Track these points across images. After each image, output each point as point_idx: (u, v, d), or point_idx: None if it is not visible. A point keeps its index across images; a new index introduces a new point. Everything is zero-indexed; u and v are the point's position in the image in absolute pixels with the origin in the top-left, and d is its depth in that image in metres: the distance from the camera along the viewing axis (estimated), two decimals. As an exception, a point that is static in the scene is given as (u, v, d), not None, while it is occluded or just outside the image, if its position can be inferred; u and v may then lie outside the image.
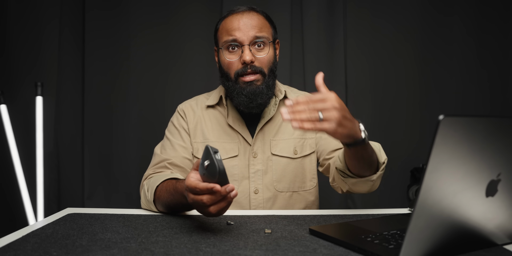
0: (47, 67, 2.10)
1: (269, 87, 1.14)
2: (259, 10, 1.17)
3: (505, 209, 0.68)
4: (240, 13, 1.14)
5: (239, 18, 1.12)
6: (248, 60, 1.09)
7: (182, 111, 1.25)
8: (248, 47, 1.10)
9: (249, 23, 1.11)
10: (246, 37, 1.10)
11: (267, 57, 1.13)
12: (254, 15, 1.14)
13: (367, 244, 0.70)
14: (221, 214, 0.79)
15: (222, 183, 0.74)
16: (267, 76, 1.13)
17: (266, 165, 1.18)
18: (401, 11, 2.13)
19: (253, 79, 1.11)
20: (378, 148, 1.02)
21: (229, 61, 1.13)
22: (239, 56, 1.11)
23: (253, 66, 1.11)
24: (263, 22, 1.15)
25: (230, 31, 1.12)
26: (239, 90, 1.12)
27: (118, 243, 0.73)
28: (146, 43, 2.12)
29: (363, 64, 2.15)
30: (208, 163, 0.75)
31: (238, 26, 1.11)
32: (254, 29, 1.11)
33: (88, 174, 2.11)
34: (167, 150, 1.18)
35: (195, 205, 0.79)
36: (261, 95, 1.12)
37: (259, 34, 1.11)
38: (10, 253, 0.67)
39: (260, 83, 1.12)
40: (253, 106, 1.13)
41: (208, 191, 0.74)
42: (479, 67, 2.14)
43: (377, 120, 2.16)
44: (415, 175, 2.10)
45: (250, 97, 1.11)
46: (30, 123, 2.00)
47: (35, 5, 2.09)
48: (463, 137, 0.57)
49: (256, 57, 1.11)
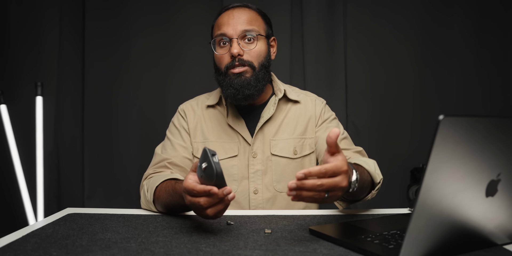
0: (47, 67, 2.10)
1: (258, 79, 1.13)
2: (253, 7, 1.18)
3: (505, 209, 0.68)
4: (232, 9, 1.16)
5: (229, 14, 1.14)
6: (235, 53, 1.09)
7: (182, 111, 1.25)
8: (236, 40, 1.10)
9: (239, 17, 1.12)
10: (234, 31, 1.10)
11: (256, 50, 1.12)
12: (245, 10, 1.15)
13: (367, 244, 0.70)
14: (218, 216, 0.78)
15: (220, 185, 0.74)
16: (257, 69, 1.12)
17: (266, 165, 1.17)
18: (401, 11, 2.13)
19: (241, 71, 1.11)
20: (373, 168, 1.00)
21: (219, 55, 1.13)
22: (229, 50, 1.11)
23: (241, 59, 1.11)
24: (255, 17, 1.15)
25: (220, 26, 1.13)
26: (228, 82, 1.12)
27: (118, 243, 0.73)
28: (146, 43, 2.12)
29: (363, 64, 2.15)
30: (205, 165, 0.75)
31: (228, 21, 1.12)
32: (243, 23, 1.11)
33: (88, 174, 2.11)
34: (167, 150, 1.18)
35: (192, 207, 0.78)
36: (248, 86, 1.11)
37: (248, 28, 1.11)
38: (10, 253, 0.67)
39: (249, 75, 1.11)
40: (241, 97, 1.12)
41: (205, 193, 0.74)
42: (479, 66, 2.14)
43: (377, 120, 2.16)
44: (415, 175, 2.10)
45: (238, 89, 1.11)
46: (30, 123, 2.00)
47: (35, 5, 2.09)
48: (463, 137, 0.57)
49: (244, 51, 1.11)
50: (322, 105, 1.26)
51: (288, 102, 1.24)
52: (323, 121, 1.23)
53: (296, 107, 1.23)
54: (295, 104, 1.24)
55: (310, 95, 1.28)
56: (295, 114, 1.22)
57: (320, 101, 1.27)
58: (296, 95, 1.25)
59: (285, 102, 1.23)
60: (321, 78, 2.13)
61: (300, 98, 1.25)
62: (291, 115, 1.22)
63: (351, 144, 1.22)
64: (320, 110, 1.24)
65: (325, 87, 2.12)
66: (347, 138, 1.22)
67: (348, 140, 1.22)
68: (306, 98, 1.26)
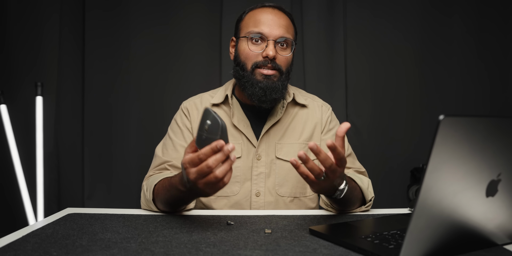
0: (47, 67, 2.10)
1: (284, 85, 1.14)
2: (287, 12, 1.17)
3: (505, 209, 0.68)
4: (271, 8, 1.14)
5: (269, 13, 1.13)
6: (271, 55, 1.09)
7: (186, 109, 1.23)
8: (273, 42, 1.10)
9: (278, 21, 1.11)
10: (273, 33, 1.10)
11: (288, 57, 1.13)
12: (283, 15, 1.14)
13: (367, 244, 0.70)
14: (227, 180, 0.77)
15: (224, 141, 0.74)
16: (284, 75, 1.13)
17: (270, 168, 1.17)
18: (401, 11, 2.13)
19: (271, 74, 1.11)
20: (366, 185, 1.05)
21: (250, 51, 1.12)
22: (262, 49, 1.11)
23: (274, 62, 1.10)
24: (290, 23, 1.15)
25: (257, 23, 1.12)
26: (254, 81, 1.11)
27: (118, 243, 0.73)
28: (146, 43, 2.12)
29: (363, 64, 2.15)
30: (210, 122, 0.74)
31: (267, 20, 1.11)
32: (282, 28, 1.11)
33: (88, 174, 2.11)
34: (168, 151, 1.17)
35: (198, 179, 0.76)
36: (276, 90, 1.11)
37: (285, 35, 1.11)
38: (10, 253, 0.67)
39: (277, 80, 1.12)
40: (266, 100, 1.11)
41: (211, 150, 0.73)
42: (479, 66, 2.14)
43: (377, 120, 2.16)
44: (415, 175, 2.10)
45: (266, 90, 1.10)
46: (30, 123, 1.99)
47: (35, 5, 2.09)
48: (463, 137, 0.57)
49: (278, 55, 1.11)
50: (328, 112, 1.26)
51: (296, 106, 1.23)
52: (328, 130, 1.23)
53: (303, 111, 1.23)
54: (302, 108, 1.23)
55: (317, 100, 1.28)
56: (302, 118, 1.22)
57: (326, 108, 1.27)
58: (303, 99, 1.25)
59: (292, 105, 1.23)
60: (321, 78, 2.13)
61: (308, 102, 1.24)
62: (298, 119, 1.22)
63: (354, 163, 1.22)
64: (327, 118, 1.24)
65: (325, 87, 2.12)
66: (351, 155, 1.22)
67: (352, 157, 1.22)
68: (313, 103, 1.26)
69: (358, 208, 1.03)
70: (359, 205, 1.04)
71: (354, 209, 1.03)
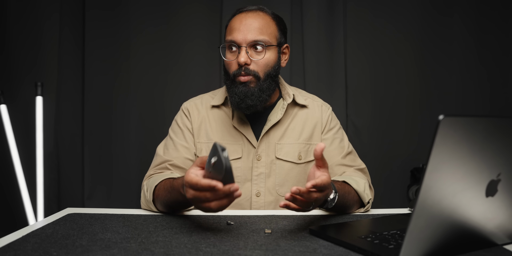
0: (47, 67, 2.10)
1: (263, 90, 1.11)
2: (268, 11, 1.15)
3: (505, 209, 0.68)
4: (245, 12, 1.13)
5: (242, 18, 1.11)
6: (242, 62, 1.08)
7: (186, 110, 1.23)
8: (244, 49, 1.09)
9: (250, 25, 1.09)
10: (244, 39, 1.08)
11: (263, 61, 1.11)
12: (259, 16, 1.12)
13: (367, 244, 0.70)
14: (221, 210, 0.78)
15: (228, 181, 0.73)
16: (262, 79, 1.11)
17: (270, 169, 1.17)
18: (401, 11, 2.13)
19: (246, 80, 1.10)
20: (362, 188, 1.04)
21: (228, 61, 1.13)
22: (237, 57, 1.10)
23: (247, 69, 1.09)
24: (267, 24, 1.12)
25: (231, 31, 1.11)
26: (233, 89, 1.12)
27: (118, 243, 0.73)
28: (146, 43, 2.12)
29: (363, 64, 2.15)
30: (215, 160, 0.74)
31: (239, 27, 1.10)
32: (254, 32, 1.09)
33: (88, 174, 2.11)
34: (169, 150, 1.18)
35: (194, 200, 0.78)
36: (252, 97, 1.10)
37: (258, 38, 1.09)
38: (10, 253, 0.67)
39: (254, 85, 1.11)
40: (243, 106, 1.11)
41: (210, 188, 0.74)
42: (479, 66, 2.14)
43: (377, 120, 2.16)
44: (415, 175, 2.10)
45: (241, 97, 1.10)
46: (30, 123, 2.00)
47: (34, 5, 2.09)
48: (463, 137, 0.57)
49: (252, 60, 1.10)
50: (328, 112, 1.25)
51: (295, 106, 1.23)
52: (329, 129, 1.23)
53: (303, 112, 1.23)
54: (302, 109, 1.23)
55: (316, 100, 1.28)
56: (302, 119, 1.22)
57: (326, 107, 1.26)
58: (303, 99, 1.24)
59: (292, 106, 1.22)
60: (321, 78, 2.13)
61: (307, 103, 1.24)
62: (298, 119, 1.21)
63: (355, 160, 1.21)
64: (327, 117, 1.24)
65: (325, 87, 2.12)
66: (352, 153, 1.22)
67: (352, 155, 1.22)
68: (313, 103, 1.25)
69: (357, 210, 1.04)
70: (358, 207, 1.04)
71: (352, 211, 1.03)
